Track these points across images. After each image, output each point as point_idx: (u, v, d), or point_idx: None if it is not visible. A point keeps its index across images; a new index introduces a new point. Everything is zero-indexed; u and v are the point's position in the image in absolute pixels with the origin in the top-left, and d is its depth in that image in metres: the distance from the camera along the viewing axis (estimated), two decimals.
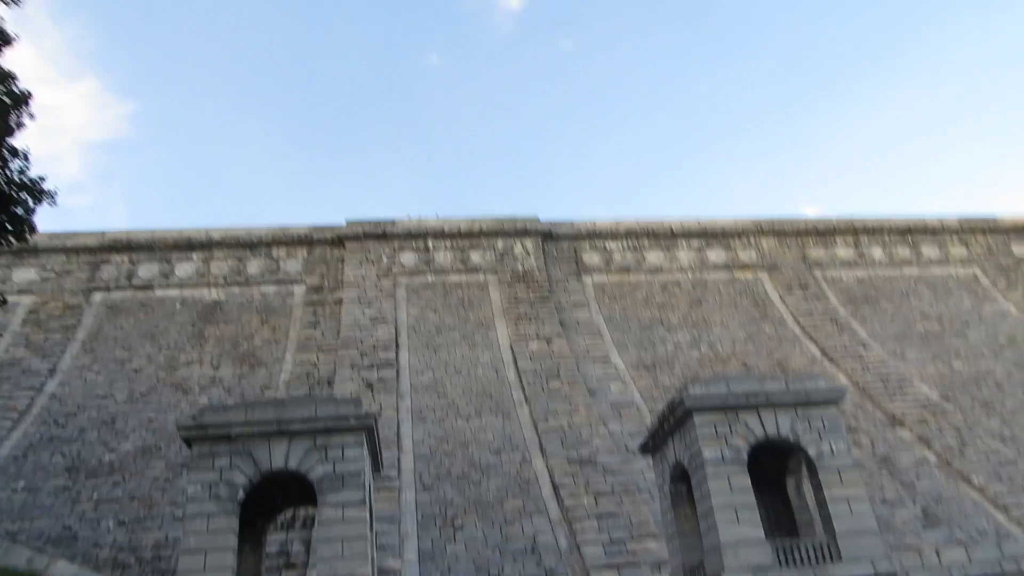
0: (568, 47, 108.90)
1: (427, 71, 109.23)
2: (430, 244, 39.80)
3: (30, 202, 19.11)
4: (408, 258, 39.24)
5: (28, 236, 19.74)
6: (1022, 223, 46.07)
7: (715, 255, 42.11)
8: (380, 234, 39.50)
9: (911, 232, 44.60)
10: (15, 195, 18.73)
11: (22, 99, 18.75)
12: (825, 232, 43.77)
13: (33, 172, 19.21)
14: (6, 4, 18.18)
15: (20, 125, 18.93)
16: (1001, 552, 18.55)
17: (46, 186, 19.24)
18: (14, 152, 18.69)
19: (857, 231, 43.98)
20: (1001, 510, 25.02)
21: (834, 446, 18.48)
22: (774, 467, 20.07)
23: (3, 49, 18.44)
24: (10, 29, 18.38)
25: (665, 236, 42.13)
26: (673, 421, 19.49)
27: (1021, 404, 32.65)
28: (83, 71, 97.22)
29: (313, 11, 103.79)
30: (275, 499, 20.55)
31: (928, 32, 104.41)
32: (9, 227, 18.98)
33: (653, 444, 21.21)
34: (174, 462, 27.28)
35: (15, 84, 18.48)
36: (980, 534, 23.76)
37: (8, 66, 18.42)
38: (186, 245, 38.62)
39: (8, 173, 18.67)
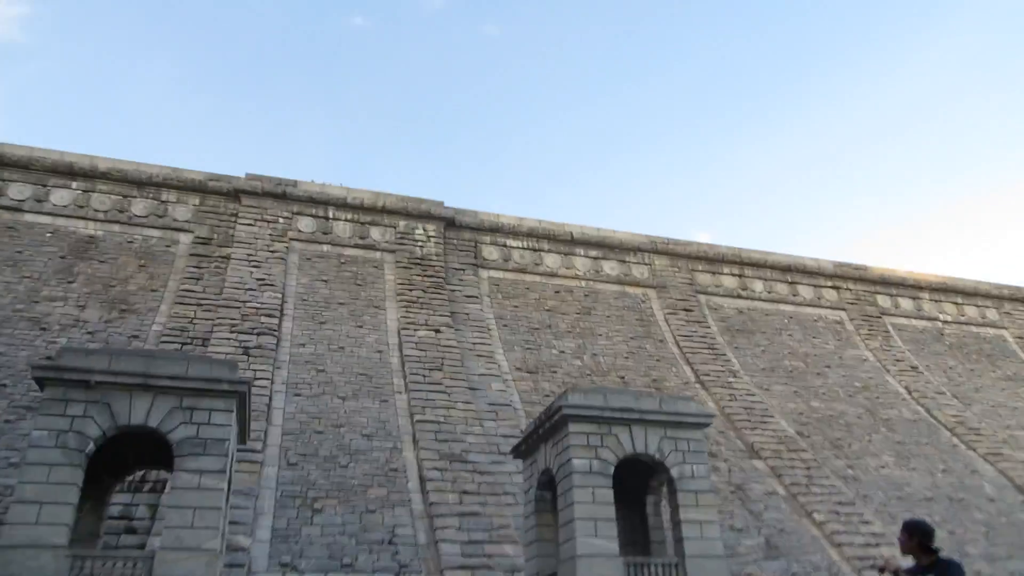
0: (493, 33, 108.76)
1: (349, 32, 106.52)
2: (330, 213, 38.72)
3: None
4: (306, 224, 38.04)
5: None
6: (888, 276, 49.34)
7: (609, 267, 43.03)
8: (280, 194, 38.12)
9: (791, 271, 46.99)
10: None
11: None
12: (714, 259, 45.50)
13: None
14: None
15: None
16: None
17: None
18: None
19: (743, 263, 45.98)
20: (836, 547, 26.81)
21: (695, 469, 19.24)
22: (635, 483, 20.70)
23: None
24: None
25: (564, 241, 42.70)
26: (548, 427, 19.78)
27: (866, 447, 35.06)
28: None
29: None
30: (126, 457, 19.60)
31: (825, 79, 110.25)
32: None
33: (526, 448, 21.46)
34: (19, 403, 25.45)
35: None
36: (814, 568, 25.38)
37: None
38: (67, 171, 35.93)
39: None
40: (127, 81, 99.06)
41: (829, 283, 47.73)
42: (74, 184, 35.97)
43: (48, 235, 34.03)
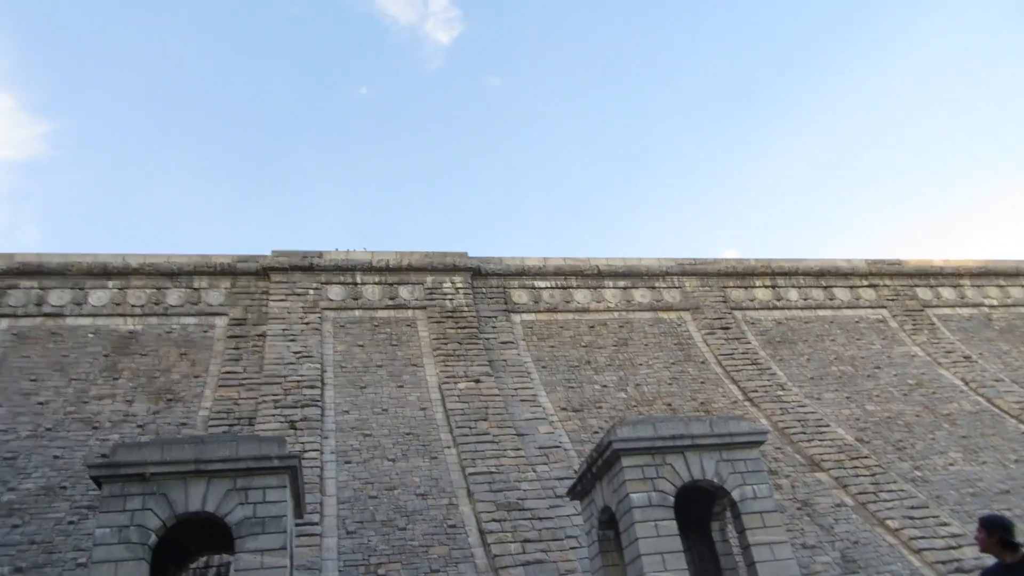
0: (495, 84, 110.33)
1: (356, 102, 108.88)
2: (358, 278, 39.19)
3: None
4: (335, 292, 38.53)
5: None
6: (925, 267, 48.38)
7: (640, 295, 42.84)
8: (307, 266, 38.72)
9: (824, 275, 46.35)
10: None
11: None
12: (744, 274, 45.09)
13: None
14: None
15: None
16: None
17: None
18: None
19: (774, 273, 45.49)
20: (915, 553, 25.85)
21: (756, 490, 18.83)
22: (699, 511, 20.34)
23: None
24: None
25: (592, 275, 42.65)
26: (601, 464, 19.59)
27: (930, 446, 34.03)
28: None
29: (240, 38, 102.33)
30: (188, 544, 19.77)
31: (830, 79, 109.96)
32: None
33: (581, 488, 21.23)
34: (80, 504, 25.78)
35: None
36: None
37: None
38: (101, 272, 36.94)
39: None
40: (151, 178, 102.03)
41: (865, 282, 46.91)
42: (110, 283, 36.88)
43: (90, 336, 34.82)
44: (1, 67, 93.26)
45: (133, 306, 36.51)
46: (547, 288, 41.75)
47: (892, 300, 46.30)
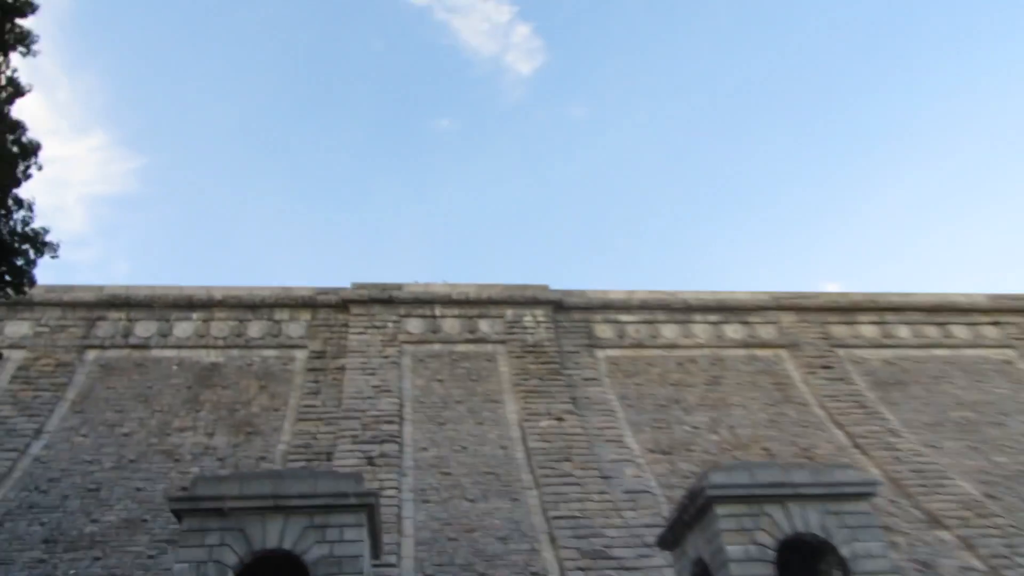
0: (579, 114, 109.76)
1: (438, 134, 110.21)
2: (437, 311, 38.71)
3: (31, 254, 19.05)
4: (414, 325, 38.09)
5: (27, 289, 19.47)
6: None
7: (733, 331, 40.81)
8: (386, 299, 38.51)
9: (939, 311, 43.02)
10: (17, 246, 18.58)
11: (31, 150, 18.93)
12: (848, 309, 42.40)
13: (37, 224, 19.15)
14: (21, 54, 18.43)
15: (27, 176, 18.95)
16: None
17: (49, 238, 19.20)
18: (19, 203, 18.65)
19: (882, 308, 42.57)
20: None
21: (870, 547, 17.34)
22: (804, 569, 18.49)
23: (15, 99, 18.48)
24: (23, 80, 18.53)
25: (680, 309, 40.97)
26: (693, 512, 18.40)
27: None
28: (93, 125, 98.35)
29: (325, 74, 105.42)
30: None
31: (960, 101, 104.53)
32: (8, 278, 18.76)
33: (672, 537, 19.87)
34: (159, 537, 25.72)
35: (25, 134, 18.56)
36: None
37: (19, 116, 18.89)
38: (186, 304, 37.73)
39: (12, 223, 18.61)
40: (236, 212, 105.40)
41: (987, 319, 43.06)
42: (194, 315, 37.59)
43: (174, 367, 35.37)
44: (96, 105, 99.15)
45: (216, 338, 37.02)
46: (632, 322, 40.21)
47: (1020, 339, 42.33)
